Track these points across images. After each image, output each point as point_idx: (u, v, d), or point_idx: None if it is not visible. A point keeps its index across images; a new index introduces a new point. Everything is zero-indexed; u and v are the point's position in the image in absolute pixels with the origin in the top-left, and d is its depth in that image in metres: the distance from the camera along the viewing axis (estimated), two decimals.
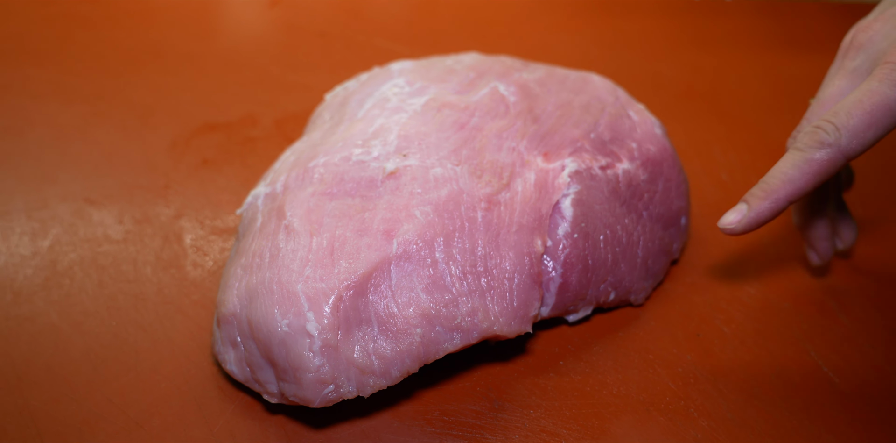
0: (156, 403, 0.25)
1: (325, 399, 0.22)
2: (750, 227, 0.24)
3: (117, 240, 0.31)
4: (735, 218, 0.24)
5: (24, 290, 0.28)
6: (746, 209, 0.24)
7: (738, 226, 0.24)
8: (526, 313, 0.24)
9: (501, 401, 0.25)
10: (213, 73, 0.41)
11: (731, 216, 0.25)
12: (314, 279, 0.22)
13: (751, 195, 0.24)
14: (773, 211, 0.24)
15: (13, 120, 0.37)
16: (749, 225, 0.24)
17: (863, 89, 0.23)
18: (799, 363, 0.27)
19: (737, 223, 0.24)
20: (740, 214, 0.25)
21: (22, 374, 0.25)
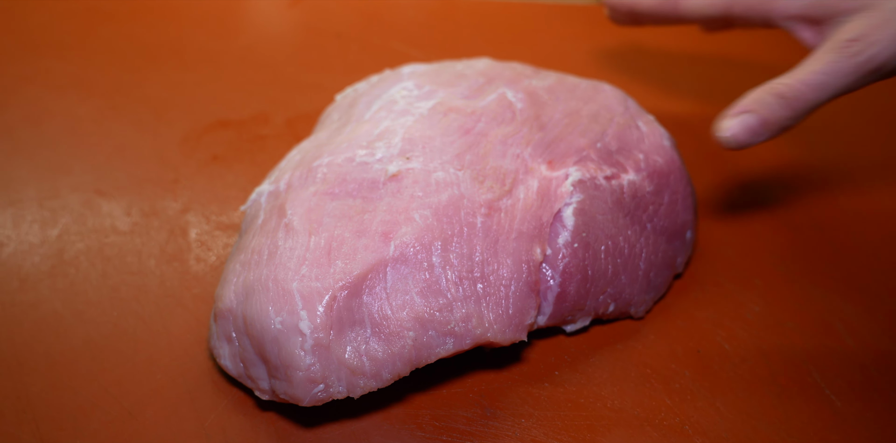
0: (150, 394, 0.25)
1: (314, 398, 0.22)
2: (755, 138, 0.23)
3: (124, 231, 0.31)
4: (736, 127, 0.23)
5: (31, 277, 0.29)
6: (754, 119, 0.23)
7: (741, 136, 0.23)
8: (521, 321, 0.24)
9: (493, 408, 0.25)
10: (229, 70, 0.42)
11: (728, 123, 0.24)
12: (310, 278, 0.22)
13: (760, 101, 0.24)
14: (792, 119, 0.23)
15: (32, 110, 0.38)
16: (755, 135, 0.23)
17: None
18: (800, 384, 0.27)
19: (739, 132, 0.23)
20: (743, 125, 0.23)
21: (22, 360, 0.26)
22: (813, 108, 0.24)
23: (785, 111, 0.24)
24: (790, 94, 0.24)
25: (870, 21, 0.24)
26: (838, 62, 0.24)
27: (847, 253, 0.33)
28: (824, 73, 0.24)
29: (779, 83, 0.24)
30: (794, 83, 0.24)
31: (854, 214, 0.35)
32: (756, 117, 0.24)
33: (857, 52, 0.23)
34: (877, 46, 0.24)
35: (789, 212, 0.35)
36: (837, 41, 0.24)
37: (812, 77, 0.24)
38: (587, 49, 0.47)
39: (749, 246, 0.33)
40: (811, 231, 0.34)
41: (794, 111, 0.24)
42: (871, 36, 0.23)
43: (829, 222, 0.34)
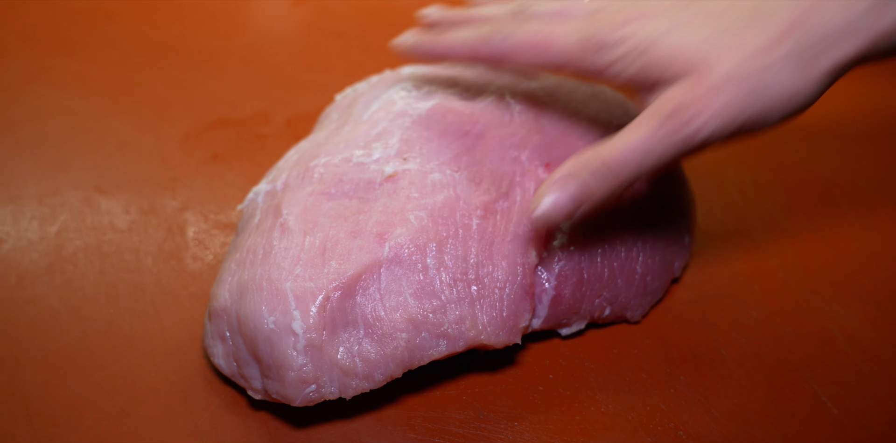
0: (144, 392, 0.25)
1: (306, 398, 0.22)
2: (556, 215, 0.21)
3: (122, 229, 0.31)
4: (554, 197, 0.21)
5: (29, 273, 0.29)
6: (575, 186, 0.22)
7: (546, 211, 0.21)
8: (515, 324, 0.24)
9: (486, 411, 0.25)
10: (231, 69, 0.42)
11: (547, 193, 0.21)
12: (303, 278, 0.22)
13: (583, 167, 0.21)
14: (609, 193, 0.22)
15: (34, 108, 0.38)
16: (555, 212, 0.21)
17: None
18: (796, 391, 0.27)
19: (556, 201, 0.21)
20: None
21: (18, 355, 0.26)
22: (629, 184, 0.22)
23: (597, 190, 0.22)
24: (604, 172, 0.21)
25: (688, 92, 0.21)
26: (656, 137, 0.21)
27: (848, 259, 0.32)
28: (640, 150, 0.21)
29: (596, 157, 0.22)
30: (609, 159, 0.21)
31: (856, 220, 0.35)
32: (568, 195, 0.21)
33: (678, 129, 0.21)
34: (698, 122, 0.21)
35: (790, 217, 0.35)
36: (656, 113, 0.21)
37: (628, 154, 0.21)
38: None
39: (748, 251, 0.32)
40: (812, 236, 0.34)
41: (606, 190, 0.22)
42: (693, 109, 0.21)
43: (830, 228, 0.34)
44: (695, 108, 0.21)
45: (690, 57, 0.21)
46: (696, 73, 0.21)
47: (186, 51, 0.43)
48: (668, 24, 0.22)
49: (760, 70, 0.21)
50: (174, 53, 0.43)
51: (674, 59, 0.21)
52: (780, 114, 0.22)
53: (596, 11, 0.24)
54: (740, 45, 0.21)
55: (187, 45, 0.44)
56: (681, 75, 0.21)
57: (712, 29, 0.22)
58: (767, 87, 0.21)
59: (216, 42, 0.44)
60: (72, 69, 0.41)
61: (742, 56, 0.21)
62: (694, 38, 0.21)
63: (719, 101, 0.21)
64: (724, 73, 0.21)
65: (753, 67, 0.21)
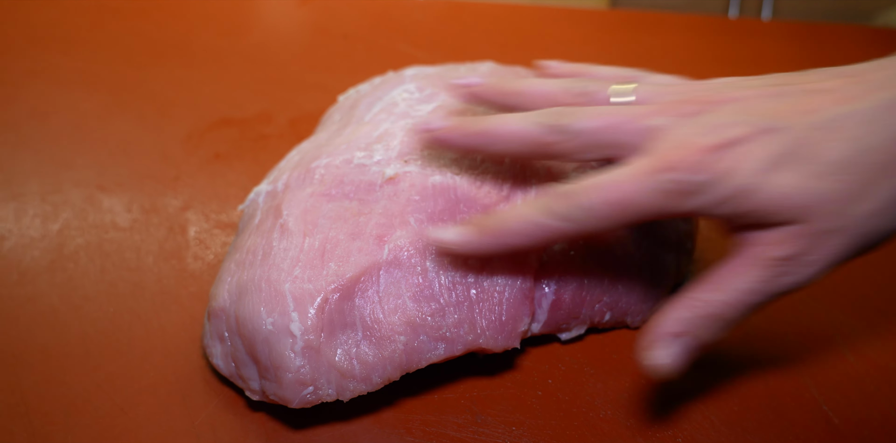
0: (142, 391, 0.25)
1: (303, 400, 0.22)
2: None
3: (124, 228, 0.32)
4: (674, 353, 0.21)
5: (30, 271, 0.29)
6: (693, 343, 0.21)
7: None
8: (514, 328, 0.24)
9: (484, 415, 0.25)
10: (235, 69, 0.42)
11: (663, 351, 0.21)
12: (302, 280, 0.22)
13: (690, 323, 0.21)
14: (717, 338, 0.21)
15: (38, 105, 0.38)
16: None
17: None
18: (797, 399, 0.26)
19: (677, 359, 0.21)
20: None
21: (18, 353, 0.26)
22: (732, 328, 0.22)
23: (712, 335, 0.21)
24: (718, 317, 0.21)
25: (802, 240, 0.20)
26: (768, 282, 0.21)
27: (852, 267, 0.32)
28: (752, 294, 0.21)
29: (702, 301, 0.21)
30: (721, 305, 0.21)
31: None
32: (694, 341, 0.21)
33: (790, 274, 0.21)
34: (811, 269, 0.21)
35: None
36: (767, 258, 0.21)
37: (739, 298, 0.21)
38: (595, 54, 0.47)
39: None
40: None
41: (722, 331, 0.22)
42: (807, 257, 0.21)
43: None
44: (809, 256, 0.21)
45: (800, 205, 0.20)
46: (807, 221, 0.20)
47: (190, 50, 0.44)
48: (763, 162, 0.20)
49: (870, 216, 0.20)
50: (178, 52, 0.43)
51: (781, 206, 0.20)
52: (878, 246, 0.22)
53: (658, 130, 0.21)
54: (850, 189, 0.20)
55: (191, 44, 0.44)
56: (787, 222, 0.20)
57: (815, 169, 0.20)
58: (876, 231, 0.21)
59: (220, 41, 0.44)
60: (75, 67, 0.41)
61: (853, 203, 0.20)
62: (800, 183, 0.20)
63: (832, 250, 0.21)
64: (837, 224, 0.20)
65: (864, 215, 0.20)
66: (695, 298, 0.21)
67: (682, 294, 0.22)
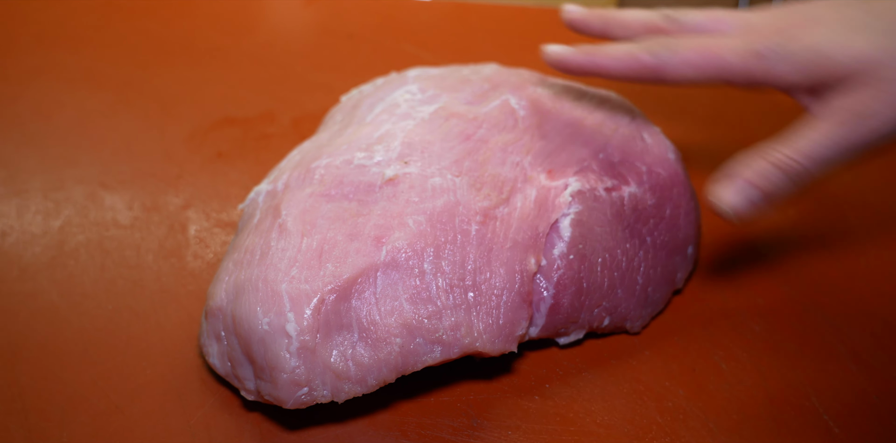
0: (139, 389, 0.25)
1: (298, 401, 0.22)
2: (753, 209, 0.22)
3: (125, 225, 0.32)
4: (738, 200, 0.23)
5: (31, 267, 0.29)
6: (757, 194, 0.23)
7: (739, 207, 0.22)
8: (512, 332, 0.24)
9: (480, 419, 0.25)
10: (239, 68, 0.42)
11: (730, 195, 0.23)
12: (299, 280, 0.22)
13: (762, 174, 0.23)
14: (794, 192, 0.23)
15: (43, 102, 0.38)
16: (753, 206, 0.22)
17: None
18: (797, 408, 0.26)
19: (742, 207, 0.23)
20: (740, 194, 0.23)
21: (17, 349, 0.26)
22: (814, 181, 0.23)
23: (788, 186, 0.23)
24: (794, 168, 0.23)
25: (870, 91, 0.22)
26: (840, 134, 0.23)
27: (856, 276, 0.32)
28: (826, 147, 0.23)
29: (781, 154, 0.23)
30: (798, 157, 0.23)
31: (866, 237, 0.34)
32: (760, 193, 0.23)
33: (860, 125, 0.22)
34: (878, 119, 0.22)
35: (798, 232, 0.34)
36: (838, 111, 0.23)
37: (815, 150, 0.23)
38: None
39: (753, 264, 0.32)
40: (820, 252, 0.33)
41: (797, 185, 0.23)
42: (873, 107, 0.22)
43: (838, 244, 0.33)
44: (871, 108, 0.22)
45: (865, 62, 0.22)
46: (871, 77, 0.22)
47: (196, 49, 0.44)
48: (835, 30, 0.23)
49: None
50: (183, 51, 0.43)
51: (847, 64, 0.22)
52: None
53: (753, 20, 0.24)
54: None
55: (197, 43, 0.44)
56: (853, 79, 0.23)
57: (879, 32, 0.23)
58: None
59: (226, 40, 0.45)
60: (81, 65, 0.41)
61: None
62: (864, 44, 0.23)
63: (892, 102, 0.22)
64: (891, 77, 0.22)
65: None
66: (774, 150, 0.23)
67: (761, 147, 0.23)
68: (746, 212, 0.23)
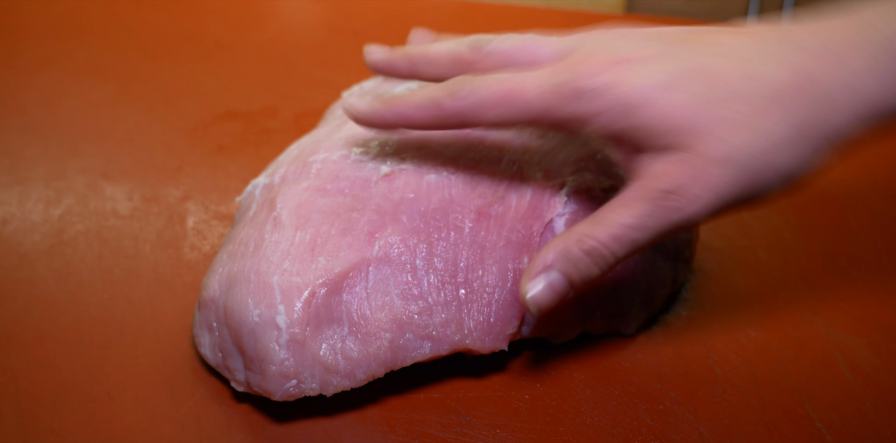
0: (131, 377, 0.25)
1: (286, 393, 0.22)
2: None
3: (124, 216, 0.32)
4: (540, 288, 0.20)
5: (29, 255, 0.30)
6: (559, 279, 0.21)
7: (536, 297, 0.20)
8: (503, 331, 0.24)
9: (470, 416, 0.25)
10: (244, 63, 0.43)
11: (532, 284, 0.20)
12: (291, 273, 0.22)
13: (566, 258, 0.20)
14: (598, 276, 0.21)
15: (49, 92, 0.39)
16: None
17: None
18: (791, 416, 0.26)
19: (542, 295, 0.20)
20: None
21: (12, 335, 0.26)
22: (618, 264, 0.21)
23: (595, 271, 0.21)
24: (601, 252, 0.20)
25: (686, 169, 0.19)
26: (653, 217, 0.20)
27: (856, 283, 0.32)
28: (636, 229, 0.20)
29: (586, 236, 0.20)
30: (604, 239, 0.20)
31: (868, 244, 0.34)
32: (562, 278, 0.21)
33: (675, 209, 0.20)
34: (696, 204, 0.20)
35: (798, 237, 0.34)
36: (652, 190, 0.20)
37: (623, 232, 0.20)
38: None
39: (752, 269, 0.32)
40: (819, 258, 0.33)
41: (601, 269, 0.21)
42: (691, 190, 0.19)
43: (839, 250, 0.33)
44: (693, 188, 0.20)
45: (687, 127, 0.19)
46: (692, 148, 0.20)
47: (202, 43, 0.44)
48: (657, 78, 0.20)
49: (761, 152, 0.19)
50: (189, 45, 0.44)
51: (667, 126, 0.19)
52: (777, 189, 0.21)
53: (568, 51, 0.21)
54: (739, 118, 0.19)
55: (203, 38, 0.44)
56: (672, 146, 0.20)
57: (706, 93, 0.19)
58: (767, 168, 0.20)
59: (231, 35, 0.45)
60: (88, 56, 0.42)
61: (741, 133, 0.19)
62: (689, 104, 0.19)
63: (718, 183, 0.20)
64: (722, 153, 0.19)
65: (753, 148, 0.19)
66: (578, 233, 0.21)
67: (568, 230, 0.21)
68: (548, 300, 0.21)
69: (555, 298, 0.21)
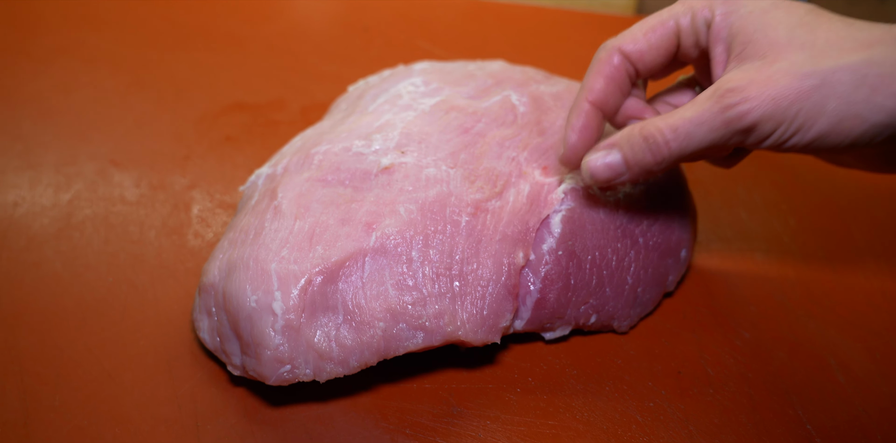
0: (131, 359, 0.26)
1: (280, 378, 0.22)
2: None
3: (131, 202, 0.32)
4: (598, 162, 0.23)
5: (38, 238, 0.30)
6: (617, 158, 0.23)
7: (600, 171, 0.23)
8: (495, 323, 0.24)
9: (461, 407, 0.25)
10: (254, 56, 0.43)
11: (593, 156, 0.23)
12: (288, 261, 0.23)
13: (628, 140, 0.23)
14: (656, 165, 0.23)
15: (63, 80, 0.39)
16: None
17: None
18: (781, 417, 0.26)
19: (599, 169, 0.23)
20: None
21: (18, 314, 0.27)
22: (678, 158, 0.22)
23: (648, 157, 0.22)
24: (656, 139, 0.22)
25: (754, 75, 0.21)
26: (709, 112, 0.21)
27: (853, 288, 0.32)
28: (693, 123, 0.22)
29: (652, 125, 0.22)
30: (664, 129, 0.22)
31: (867, 250, 0.34)
32: (619, 157, 0.23)
33: (730, 106, 0.21)
34: (749, 104, 0.21)
35: (797, 241, 0.34)
36: (716, 89, 0.22)
37: (682, 125, 0.22)
38: None
39: (749, 271, 0.32)
40: (818, 262, 0.33)
41: (657, 159, 0.22)
42: (750, 91, 0.21)
43: (838, 255, 0.33)
44: (748, 91, 0.21)
45: (771, 41, 0.21)
46: (766, 58, 0.21)
47: (214, 35, 0.45)
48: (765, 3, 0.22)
49: (825, 71, 0.20)
50: (202, 37, 0.44)
51: (756, 39, 0.21)
52: (835, 132, 0.21)
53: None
54: (820, 44, 0.21)
55: (216, 30, 0.45)
56: (754, 57, 0.22)
57: (802, 21, 0.21)
58: (827, 91, 0.21)
59: (244, 28, 0.45)
60: (103, 46, 0.42)
61: (815, 53, 0.21)
62: (782, 25, 0.21)
63: (772, 89, 0.21)
64: (788, 63, 0.21)
65: (821, 66, 0.21)
66: (646, 122, 0.22)
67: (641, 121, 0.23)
68: (604, 176, 0.23)
69: (609, 173, 0.23)
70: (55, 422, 0.24)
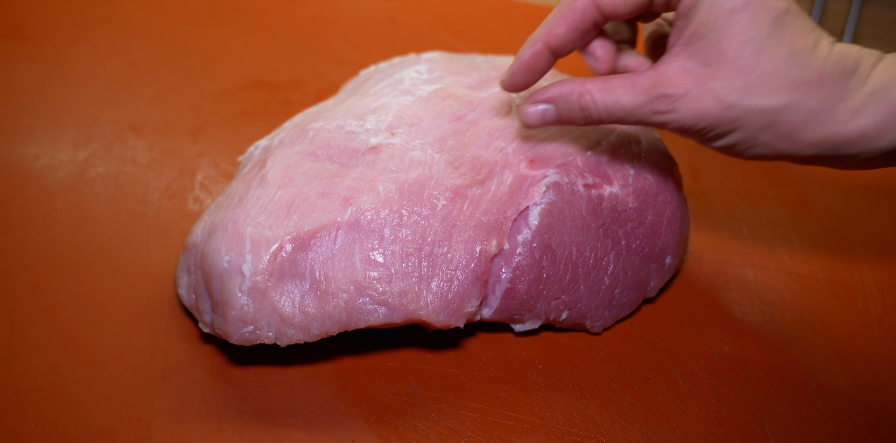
0: (114, 308, 0.27)
1: (242, 337, 0.23)
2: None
3: (141, 164, 0.34)
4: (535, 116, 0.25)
5: (51, 189, 0.32)
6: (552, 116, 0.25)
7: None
8: (460, 308, 0.24)
9: (419, 387, 0.25)
10: (281, 38, 0.45)
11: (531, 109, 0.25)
12: (264, 226, 0.23)
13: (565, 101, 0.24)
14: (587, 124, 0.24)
15: (100, 48, 0.42)
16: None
17: None
18: (748, 436, 0.25)
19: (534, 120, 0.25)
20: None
21: (19, 257, 0.29)
22: (599, 124, 0.25)
23: (579, 121, 0.25)
24: (591, 113, 0.24)
25: (690, 86, 0.22)
26: (640, 110, 0.23)
27: (850, 314, 0.30)
28: (625, 111, 0.23)
29: (590, 98, 0.24)
30: (600, 106, 0.24)
31: (870, 276, 0.32)
32: (554, 114, 0.25)
33: (659, 111, 0.23)
34: (675, 115, 0.23)
35: (796, 260, 0.33)
36: (657, 85, 0.23)
37: (615, 110, 0.23)
38: None
39: (739, 286, 0.31)
40: (815, 284, 0.32)
41: (584, 122, 0.24)
42: (679, 104, 0.23)
43: (839, 279, 0.32)
44: (678, 104, 0.23)
45: (720, 51, 0.22)
46: (709, 67, 0.22)
47: (247, 15, 0.46)
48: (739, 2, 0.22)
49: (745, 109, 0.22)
50: (236, 16, 0.46)
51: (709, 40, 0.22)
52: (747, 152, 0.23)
53: None
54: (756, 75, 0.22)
55: (249, 11, 0.47)
56: (699, 57, 0.22)
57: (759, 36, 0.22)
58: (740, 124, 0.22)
59: (276, 12, 0.47)
60: (143, 18, 0.45)
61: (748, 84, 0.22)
62: (738, 37, 0.22)
63: (698, 109, 0.23)
64: (721, 86, 0.22)
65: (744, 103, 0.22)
66: (585, 88, 0.24)
67: (582, 79, 0.25)
68: (537, 124, 0.25)
69: (540, 123, 0.25)
70: (35, 358, 0.25)
